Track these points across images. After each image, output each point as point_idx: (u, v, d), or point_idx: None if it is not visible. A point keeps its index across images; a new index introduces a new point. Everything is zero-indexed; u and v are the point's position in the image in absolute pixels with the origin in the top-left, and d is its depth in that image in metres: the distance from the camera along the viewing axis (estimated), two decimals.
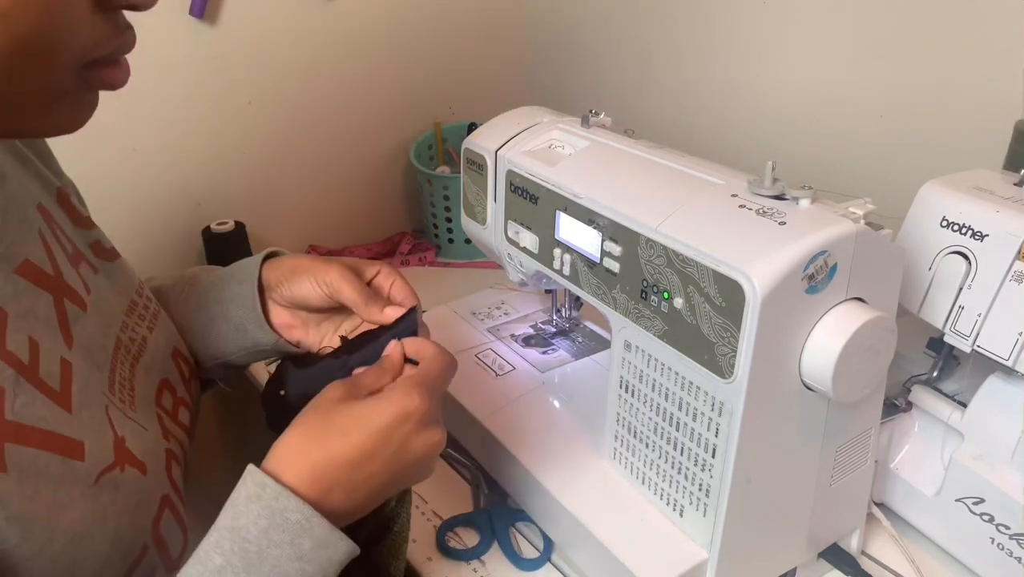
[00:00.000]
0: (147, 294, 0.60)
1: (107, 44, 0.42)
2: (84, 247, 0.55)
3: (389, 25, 1.15)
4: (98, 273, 0.54)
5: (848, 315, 0.49)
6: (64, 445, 0.43)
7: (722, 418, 0.51)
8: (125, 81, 0.44)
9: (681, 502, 0.57)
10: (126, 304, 0.57)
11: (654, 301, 0.53)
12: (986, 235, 0.56)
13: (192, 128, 1.03)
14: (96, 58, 0.41)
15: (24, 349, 0.44)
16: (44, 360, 0.45)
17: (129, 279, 0.58)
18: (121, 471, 0.47)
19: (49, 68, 0.40)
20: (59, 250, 0.51)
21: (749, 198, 0.52)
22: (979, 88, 0.78)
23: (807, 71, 0.94)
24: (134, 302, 0.58)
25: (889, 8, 0.83)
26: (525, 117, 0.71)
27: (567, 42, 1.26)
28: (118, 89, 0.44)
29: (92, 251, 0.55)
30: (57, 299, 0.49)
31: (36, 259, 0.48)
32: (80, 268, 0.53)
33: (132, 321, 0.56)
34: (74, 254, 0.53)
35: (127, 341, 0.55)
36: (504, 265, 0.74)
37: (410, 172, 1.24)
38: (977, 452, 0.61)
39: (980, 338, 0.57)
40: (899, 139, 0.86)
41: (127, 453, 0.48)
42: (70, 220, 0.55)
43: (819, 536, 0.61)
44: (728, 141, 1.05)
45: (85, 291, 0.52)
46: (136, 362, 0.55)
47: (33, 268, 0.48)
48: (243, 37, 1.03)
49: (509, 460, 0.67)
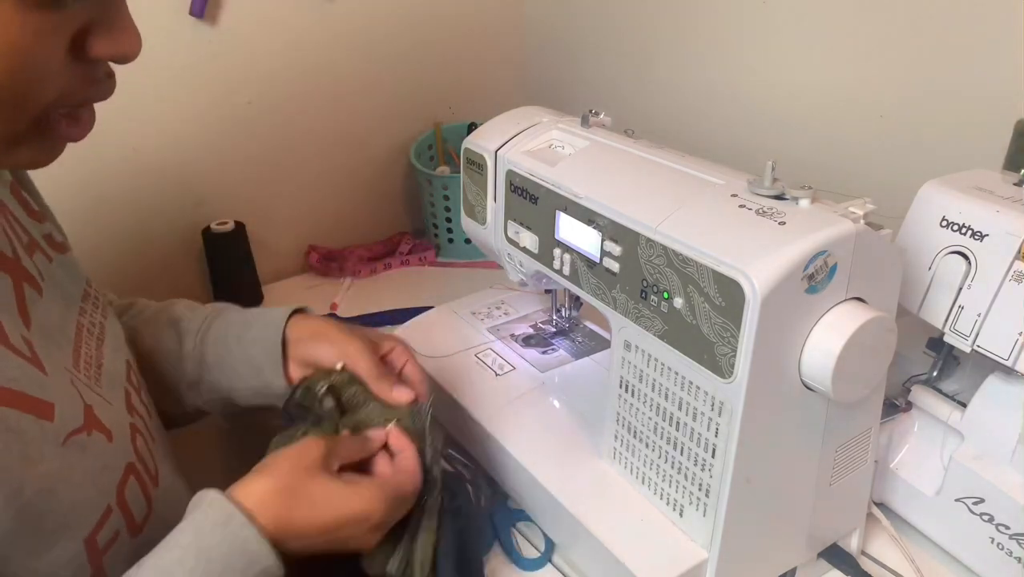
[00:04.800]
0: (95, 286, 0.62)
1: (77, 95, 0.44)
2: (38, 237, 0.56)
3: (389, 25, 1.15)
4: (52, 262, 0.56)
5: (848, 315, 0.49)
6: (34, 405, 0.45)
7: (722, 418, 0.51)
8: (84, 135, 0.46)
9: (681, 502, 0.57)
10: (80, 292, 0.59)
11: (654, 301, 0.53)
12: (986, 235, 0.56)
13: (192, 128, 1.03)
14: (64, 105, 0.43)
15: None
16: (11, 335, 0.47)
17: (80, 271, 0.60)
18: (88, 435, 0.49)
19: (15, 115, 0.41)
20: (15, 238, 0.53)
21: (749, 198, 0.52)
22: (979, 88, 0.78)
23: (807, 71, 0.94)
24: (87, 291, 0.59)
25: (889, 8, 0.83)
26: (525, 117, 0.71)
27: (567, 42, 1.26)
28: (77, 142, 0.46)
29: (45, 241, 0.57)
30: (16, 282, 0.50)
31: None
32: (35, 256, 0.54)
33: (88, 307, 0.58)
34: (29, 243, 0.54)
35: (88, 324, 0.57)
36: (504, 265, 0.74)
37: (410, 172, 1.24)
38: (977, 452, 0.61)
39: (980, 338, 0.57)
40: (899, 139, 0.86)
41: (95, 419, 0.50)
42: (24, 211, 0.56)
43: (819, 536, 0.61)
44: (728, 141, 1.05)
45: (40, 278, 0.54)
46: (101, 343, 0.57)
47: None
48: (243, 37, 1.03)
49: (509, 460, 0.67)
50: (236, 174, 1.09)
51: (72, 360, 0.52)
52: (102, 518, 0.49)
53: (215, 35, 1.01)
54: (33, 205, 0.58)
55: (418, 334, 0.83)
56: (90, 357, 0.55)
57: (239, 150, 1.08)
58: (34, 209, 0.58)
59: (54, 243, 0.58)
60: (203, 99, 1.03)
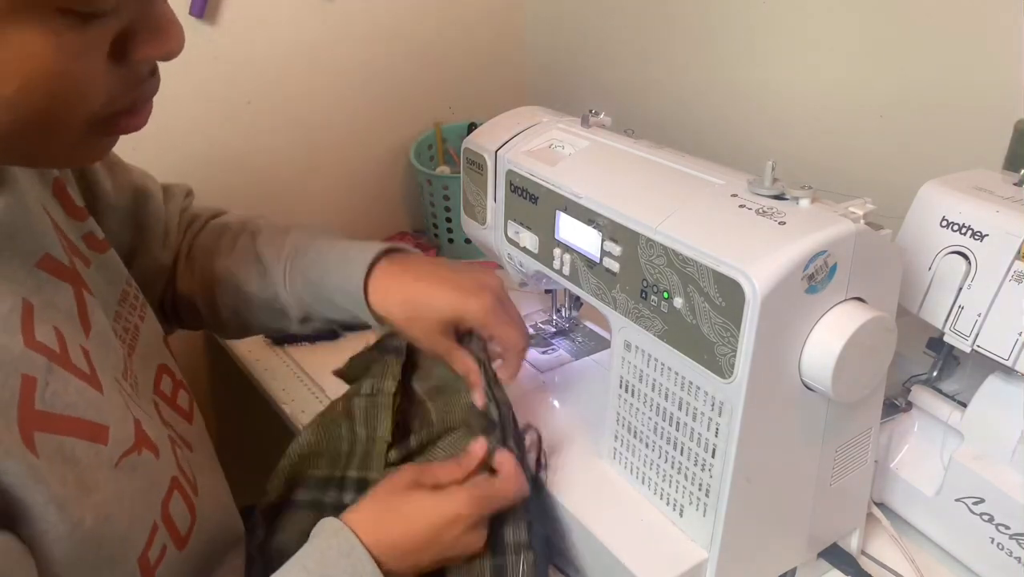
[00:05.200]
0: (135, 284, 0.61)
1: (123, 98, 0.42)
2: (77, 240, 0.55)
3: (389, 25, 1.15)
4: (90, 266, 0.55)
5: (848, 315, 0.49)
6: (90, 430, 0.45)
7: (722, 418, 0.51)
8: (144, 123, 0.45)
9: (681, 502, 0.57)
10: (118, 294, 0.58)
11: (654, 301, 0.53)
12: (986, 235, 0.56)
13: (192, 128, 1.03)
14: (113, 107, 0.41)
15: (52, 338, 0.45)
16: (71, 348, 0.46)
17: (118, 270, 0.59)
18: (139, 454, 0.49)
19: (64, 129, 0.40)
20: (64, 244, 0.52)
21: (749, 198, 0.52)
22: (979, 88, 0.78)
23: (807, 71, 0.94)
24: (125, 292, 0.59)
25: (889, 8, 0.83)
26: (525, 117, 0.71)
27: (567, 42, 1.26)
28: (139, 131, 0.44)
29: (85, 243, 0.56)
30: (76, 290, 0.50)
31: (55, 252, 0.49)
32: (75, 261, 0.53)
33: (125, 311, 0.58)
34: (69, 248, 0.53)
35: (121, 331, 0.56)
36: (504, 265, 0.74)
37: (410, 172, 1.24)
38: (977, 452, 0.61)
39: (980, 338, 0.57)
40: (899, 139, 0.86)
41: (144, 436, 0.50)
42: (64, 212, 0.55)
43: (819, 536, 0.61)
44: (728, 141, 1.05)
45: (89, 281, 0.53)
46: (132, 352, 0.57)
47: (53, 261, 0.49)
48: (243, 37, 1.03)
49: None
50: (236, 174, 1.09)
51: (122, 369, 0.52)
52: (151, 536, 0.48)
53: (215, 35, 1.01)
54: (77, 201, 0.57)
55: None
56: (128, 368, 0.54)
57: (239, 150, 1.08)
58: (77, 207, 0.56)
59: (95, 242, 0.57)
60: (203, 99, 1.03)
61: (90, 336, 0.49)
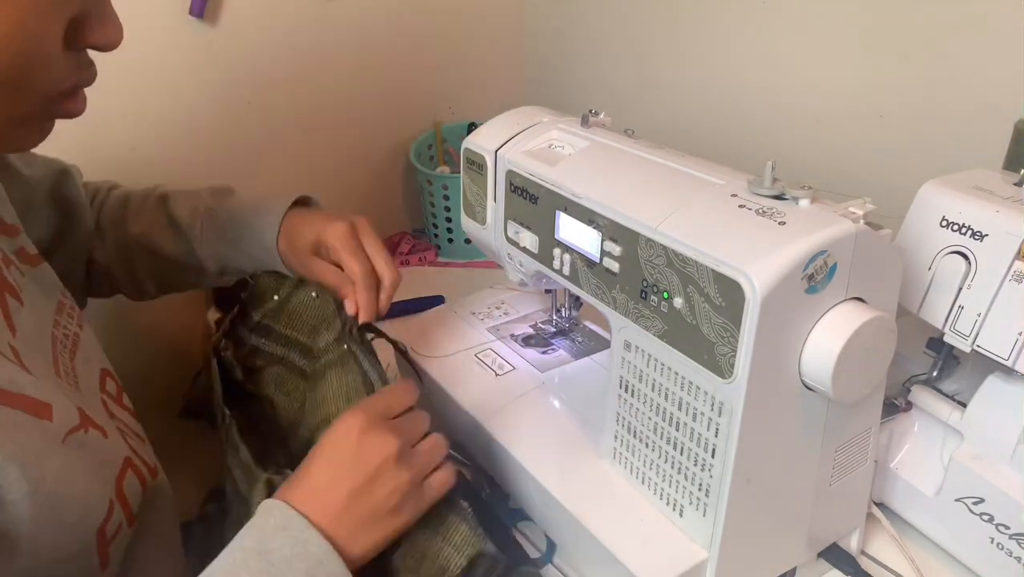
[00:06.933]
0: (70, 296, 0.63)
1: (71, 79, 0.47)
2: (10, 253, 0.57)
3: (389, 25, 1.15)
4: (25, 276, 0.57)
5: (848, 315, 0.49)
6: (34, 406, 0.47)
7: (722, 418, 0.51)
8: (83, 110, 0.50)
9: (681, 502, 0.57)
10: (55, 304, 0.60)
11: (654, 301, 0.53)
12: (986, 235, 0.56)
13: (192, 127, 1.03)
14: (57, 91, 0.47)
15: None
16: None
17: (53, 282, 0.61)
18: (85, 432, 0.50)
19: (18, 99, 0.44)
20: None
21: (749, 198, 0.52)
22: (979, 88, 0.78)
23: (807, 71, 0.94)
24: (61, 303, 0.61)
25: (889, 8, 0.83)
26: (525, 117, 0.71)
27: (567, 42, 1.26)
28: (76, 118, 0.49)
29: (17, 256, 0.58)
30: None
31: None
32: (10, 270, 0.55)
33: (63, 319, 0.59)
34: (3, 259, 0.55)
35: (61, 337, 0.58)
36: (504, 265, 0.74)
37: (410, 172, 1.24)
38: (977, 452, 0.61)
39: (980, 338, 0.57)
40: (899, 139, 0.86)
41: (88, 418, 0.51)
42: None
43: (819, 536, 0.61)
44: (728, 141, 1.05)
45: (19, 289, 0.55)
46: (73, 356, 0.58)
47: None
48: (243, 37, 1.03)
49: (509, 460, 0.67)
50: (236, 173, 1.09)
51: (53, 369, 0.54)
52: (107, 515, 0.50)
53: (215, 35, 1.01)
54: (5, 220, 0.59)
55: (418, 334, 0.83)
56: (67, 369, 0.56)
57: (238, 150, 1.08)
58: (7, 224, 0.59)
59: (27, 256, 0.59)
60: (202, 98, 1.03)
61: (17, 337, 0.51)
